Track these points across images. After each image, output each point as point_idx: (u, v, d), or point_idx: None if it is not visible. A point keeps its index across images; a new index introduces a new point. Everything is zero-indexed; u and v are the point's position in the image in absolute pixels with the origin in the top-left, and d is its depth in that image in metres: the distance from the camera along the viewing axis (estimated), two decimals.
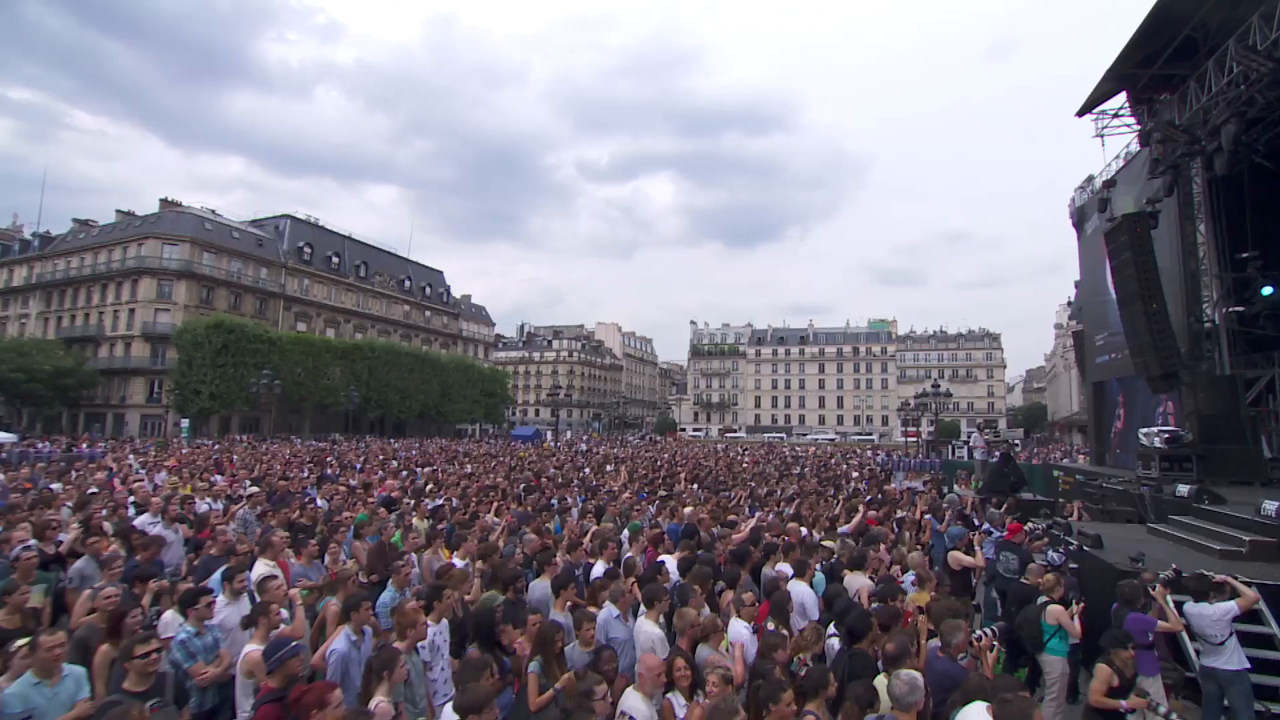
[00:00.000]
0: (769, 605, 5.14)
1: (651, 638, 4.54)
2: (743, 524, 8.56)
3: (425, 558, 6.87)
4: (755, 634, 4.77)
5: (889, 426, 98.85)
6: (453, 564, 6.03)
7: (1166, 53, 14.38)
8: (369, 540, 7.27)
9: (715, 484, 14.25)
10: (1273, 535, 7.67)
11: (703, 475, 17.11)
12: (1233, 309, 14.29)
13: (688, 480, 15.68)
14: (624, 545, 7.63)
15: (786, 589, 5.24)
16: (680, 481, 15.36)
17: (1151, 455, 13.48)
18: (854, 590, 5.56)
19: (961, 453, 41.20)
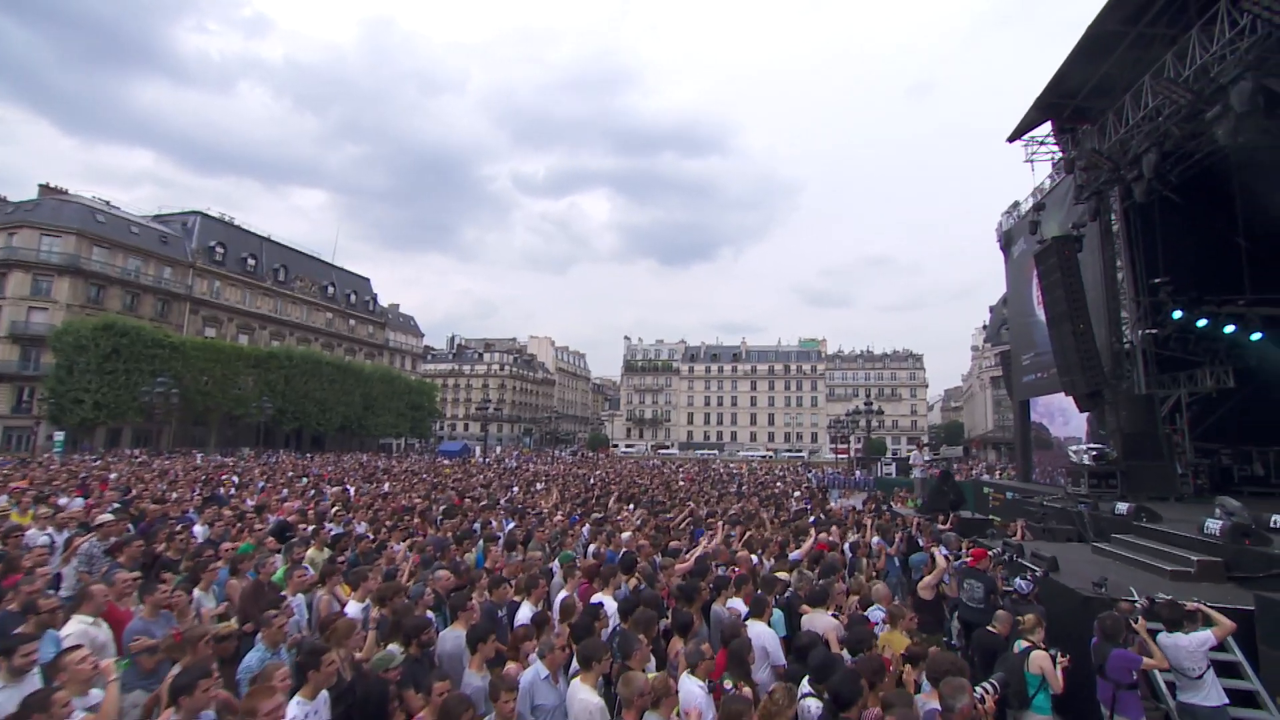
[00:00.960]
0: (725, 655, 4.36)
1: (589, 708, 3.66)
2: (687, 552, 7.78)
3: (320, 599, 5.72)
4: (712, 693, 3.97)
5: (818, 443, 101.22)
6: (342, 613, 4.94)
7: (1086, 88, 14.95)
8: (249, 577, 6.05)
9: (653, 504, 13.45)
10: (1218, 554, 7.58)
11: (639, 494, 16.29)
12: (1147, 331, 14.80)
13: (623, 500, 14.84)
14: (554, 576, 6.71)
15: (746, 635, 4.47)
16: (615, 501, 14.53)
17: (1081, 472, 13.72)
18: (819, 631, 4.85)
19: (890, 469, 42.32)
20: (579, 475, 26.13)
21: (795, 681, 3.95)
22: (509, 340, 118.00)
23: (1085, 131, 15.46)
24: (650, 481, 22.70)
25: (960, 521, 11.86)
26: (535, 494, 16.03)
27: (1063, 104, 15.41)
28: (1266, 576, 6.85)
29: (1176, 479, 13.65)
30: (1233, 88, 10.12)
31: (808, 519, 11.66)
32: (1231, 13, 10.55)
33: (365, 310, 74.83)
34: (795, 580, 6.13)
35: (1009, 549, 8.49)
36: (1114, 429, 14.23)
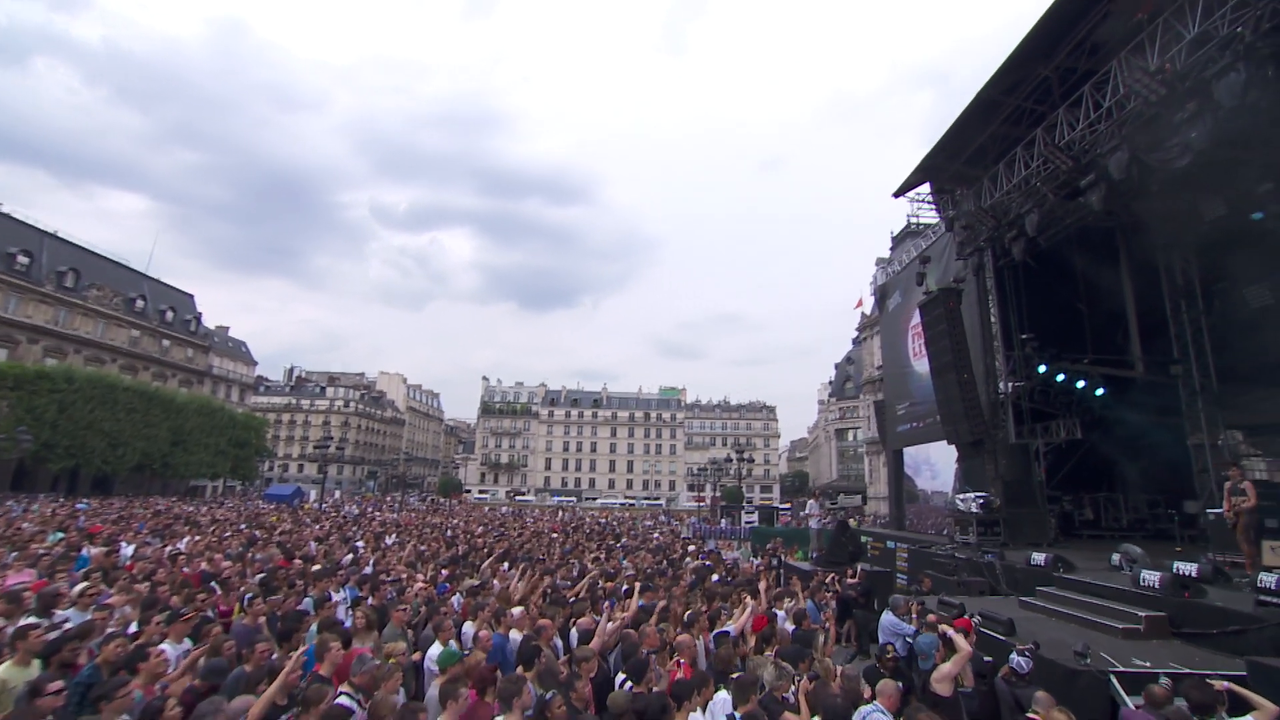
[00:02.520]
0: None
1: None
2: (608, 630, 5.98)
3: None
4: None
5: (675, 491, 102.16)
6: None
7: (966, 154, 15.84)
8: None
9: (535, 563, 11.34)
10: (1159, 609, 7.19)
11: (516, 550, 14.01)
12: (1016, 384, 15.51)
13: (498, 558, 12.56)
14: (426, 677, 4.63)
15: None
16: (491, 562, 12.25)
17: (969, 520, 13.72)
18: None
19: (752, 518, 42.59)
20: (434, 526, 22.97)
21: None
22: (356, 375, 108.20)
23: (962, 194, 16.36)
24: (520, 533, 20.30)
25: (870, 575, 11.12)
26: (386, 550, 13.16)
27: (943, 167, 16.16)
28: (1221, 634, 6.45)
29: (1048, 525, 14.10)
30: (1110, 158, 10.72)
31: (711, 578, 10.31)
32: (1094, 95, 11.38)
33: (185, 331, 64.47)
34: (770, 676, 4.58)
35: (945, 605, 7.61)
36: (994, 477, 14.54)
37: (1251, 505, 9.23)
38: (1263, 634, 6.09)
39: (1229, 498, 9.65)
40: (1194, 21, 9.61)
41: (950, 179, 16.54)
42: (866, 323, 69.20)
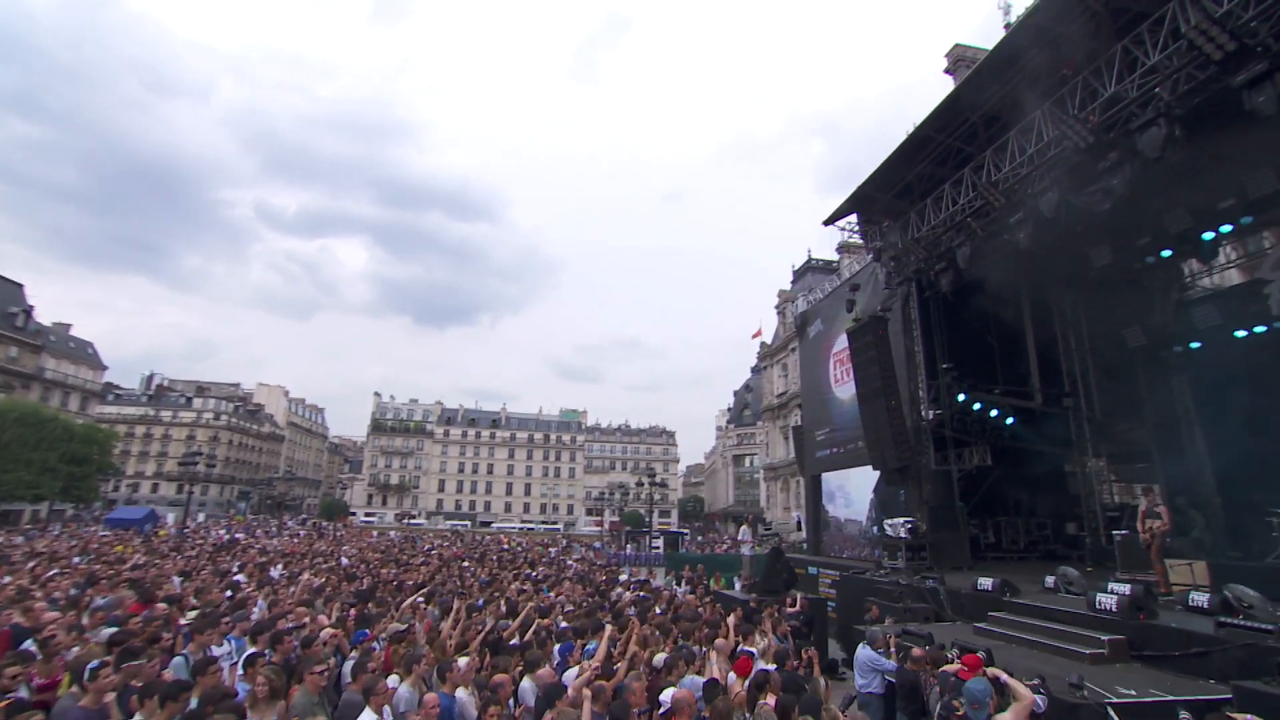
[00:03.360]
0: None
1: None
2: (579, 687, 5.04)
3: None
4: None
5: (574, 516, 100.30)
6: None
7: (896, 188, 16.48)
8: None
9: (458, 596, 10.02)
10: (1118, 631, 7.25)
11: (428, 582, 12.46)
12: (936, 411, 16.08)
13: (411, 589, 11.10)
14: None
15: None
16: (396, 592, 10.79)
17: (898, 545, 13.86)
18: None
19: (658, 544, 42.09)
20: (323, 554, 20.55)
21: None
22: (230, 386, 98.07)
23: (889, 225, 16.97)
24: (424, 561, 18.51)
25: (811, 604, 10.79)
26: (275, 585, 11.21)
27: (873, 199, 16.69)
28: (1184, 655, 6.53)
29: (968, 549, 14.55)
30: (1040, 198, 11.33)
31: (655, 613, 9.54)
32: (1019, 140, 12.11)
33: (9, 325, 55.54)
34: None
35: (907, 635, 7.30)
36: (919, 503, 14.86)
37: (1165, 528, 9.79)
38: (1226, 655, 6.22)
39: (1143, 521, 10.21)
40: (1110, 81, 10.38)
41: (879, 211, 17.11)
42: (767, 352, 71.73)
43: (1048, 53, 11.46)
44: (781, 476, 66.36)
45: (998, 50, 12.21)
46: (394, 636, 6.84)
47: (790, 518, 57.47)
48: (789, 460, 63.94)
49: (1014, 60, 11.92)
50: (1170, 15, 9.41)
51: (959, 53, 43.75)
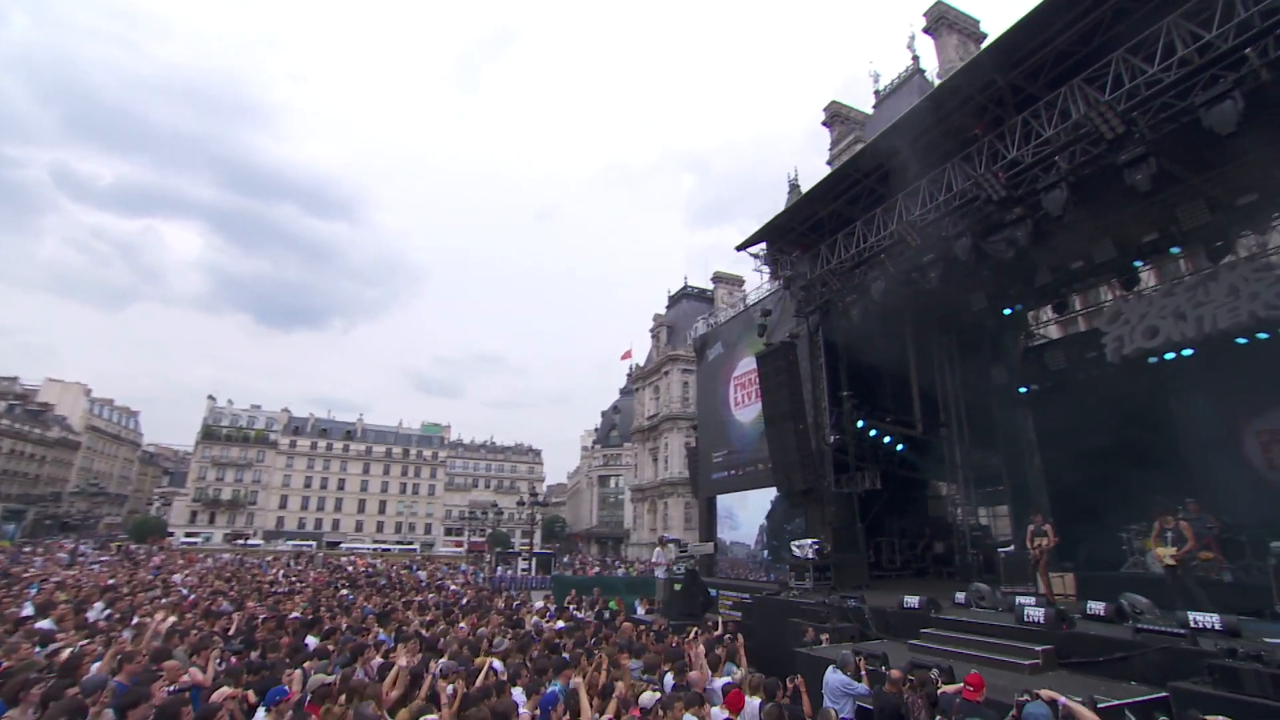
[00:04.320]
0: None
1: None
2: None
3: None
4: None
5: (431, 535, 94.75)
6: None
7: (808, 223, 17.42)
8: None
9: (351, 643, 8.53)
10: (1045, 642, 7.87)
11: (324, 615, 10.77)
12: (837, 436, 17.00)
13: (299, 626, 9.55)
14: None
15: None
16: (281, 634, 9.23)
17: (805, 566, 14.31)
18: None
19: (527, 566, 40.53)
20: (143, 584, 17.25)
21: None
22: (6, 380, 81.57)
23: (799, 256, 17.84)
24: (288, 591, 16.23)
25: (736, 626, 10.75)
26: (104, 631, 8.95)
27: (786, 229, 17.50)
28: (1107, 661, 7.19)
29: (867, 569, 15.40)
30: (955, 241, 12.46)
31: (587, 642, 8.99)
32: (930, 188, 13.32)
33: None
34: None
35: (867, 657, 7.43)
36: (821, 524, 15.51)
37: (1052, 545, 10.94)
38: (1146, 659, 6.97)
39: (1032, 539, 11.35)
40: (1013, 144, 11.72)
41: (789, 242, 17.94)
42: (639, 374, 72.87)
43: (960, 115, 12.75)
44: (649, 498, 67.32)
45: (915, 111, 13.36)
46: (318, 693, 5.64)
47: (662, 537, 58.39)
48: (657, 482, 65.05)
49: (928, 118, 13.11)
50: (1063, 99, 10.82)
51: (835, 108, 47.98)
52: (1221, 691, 5.65)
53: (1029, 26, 11.01)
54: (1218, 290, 13.14)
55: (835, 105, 46.17)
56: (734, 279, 75.05)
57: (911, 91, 43.62)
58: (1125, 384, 15.33)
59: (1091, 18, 10.68)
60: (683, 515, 61.26)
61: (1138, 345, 14.13)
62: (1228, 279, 13.08)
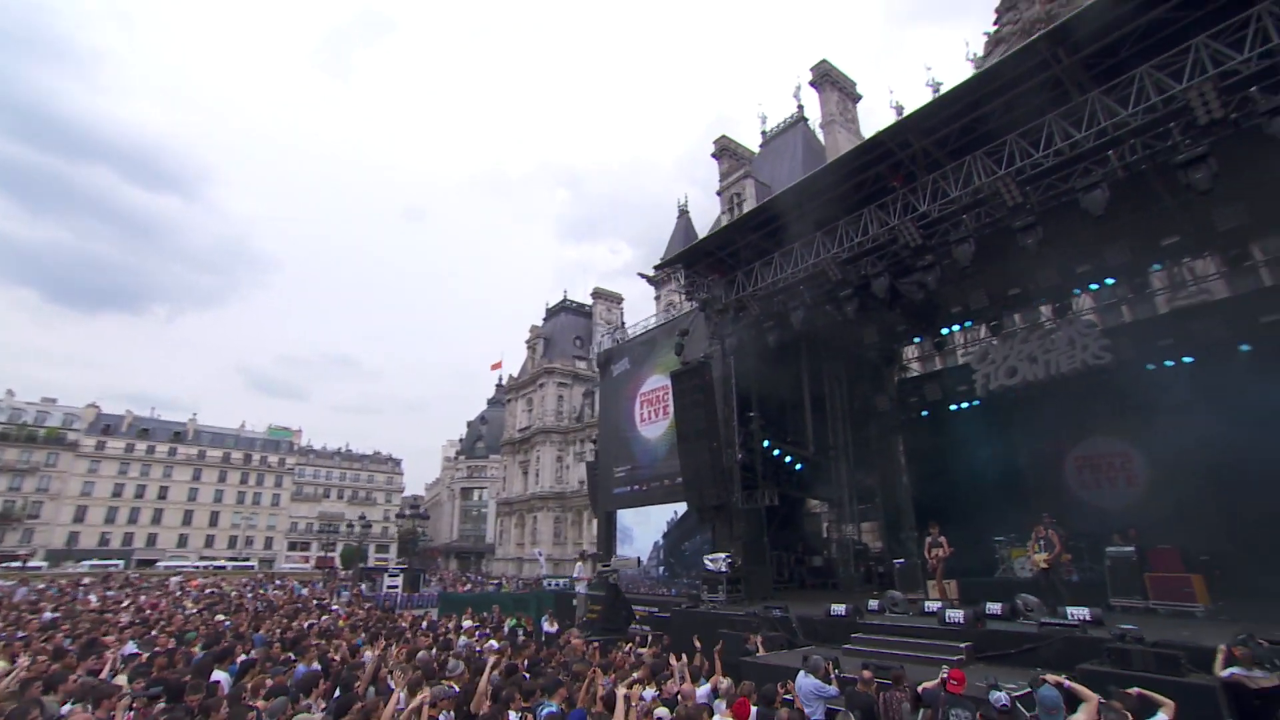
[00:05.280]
0: None
1: None
2: None
3: None
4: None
5: (273, 550, 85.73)
6: None
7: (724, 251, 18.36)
8: None
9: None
10: (966, 639, 8.95)
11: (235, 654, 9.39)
12: (745, 455, 17.95)
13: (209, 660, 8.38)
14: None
15: None
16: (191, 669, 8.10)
17: (719, 579, 14.94)
18: None
19: (394, 582, 37.98)
20: None
21: None
22: None
23: (714, 280, 18.71)
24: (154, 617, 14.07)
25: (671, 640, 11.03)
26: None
27: (706, 253, 18.32)
28: (1019, 652, 8.35)
29: (771, 581, 16.33)
30: (874, 280, 13.82)
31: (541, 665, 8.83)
32: (848, 229, 14.71)
33: None
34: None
35: (832, 664, 8.04)
36: (732, 538, 16.25)
37: (947, 554, 12.41)
38: (1051, 648, 8.18)
39: (929, 550, 12.79)
40: (925, 199, 13.31)
41: (708, 266, 18.75)
42: (512, 385, 71.61)
43: (879, 168, 14.23)
44: (517, 512, 66.09)
45: (838, 161, 14.71)
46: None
47: (534, 553, 57.27)
48: (527, 495, 64.05)
49: (851, 166, 14.51)
50: (967, 166, 12.52)
51: (724, 143, 50.91)
52: (1118, 670, 6.82)
53: (938, 105, 12.67)
54: (1061, 340, 15.74)
55: (725, 140, 48.99)
56: (613, 296, 76.40)
57: (795, 135, 47.46)
58: (988, 415, 17.78)
59: (990, 106, 12.43)
60: (552, 529, 60.67)
61: (1000, 382, 16.49)
62: (1068, 331, 15.72)
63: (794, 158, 45.42)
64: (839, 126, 43.31)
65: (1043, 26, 26.95)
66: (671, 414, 19.78)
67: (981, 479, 16.93)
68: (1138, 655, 6.93)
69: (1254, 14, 9.42)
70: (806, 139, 46.46)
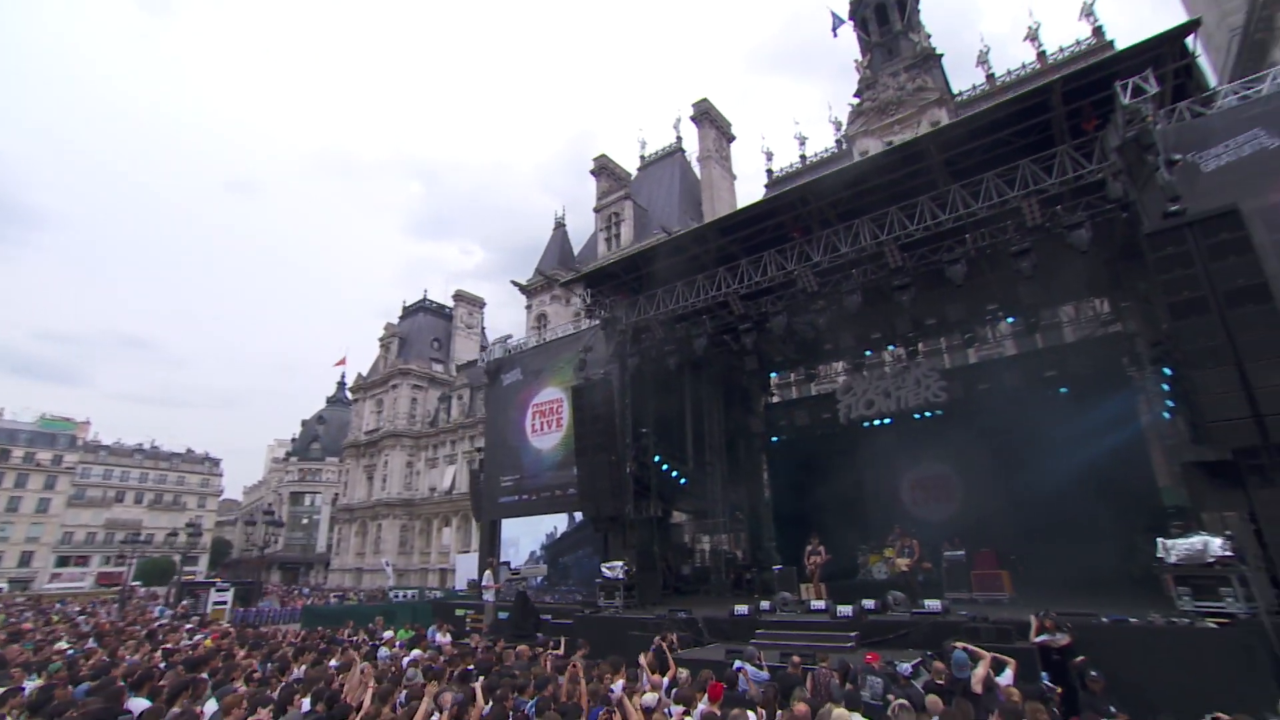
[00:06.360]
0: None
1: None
2: None
3: None
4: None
5: (32, 568, 71.82)
6: None
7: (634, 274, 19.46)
8: None
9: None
10: (855, 630, 10.69)
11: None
12: (637, 468, 19.02)
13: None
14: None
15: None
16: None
17: (616, 586, 15.83)
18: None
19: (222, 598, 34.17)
20: None
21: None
22: None
23: (614, 301, 19.70)
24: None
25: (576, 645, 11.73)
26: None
27: (612, 275, 19.32)
28: (896, 637, 10.22)
29: (660, 587, 17.47)
30: (773, 318, 15.65)
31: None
32: (750, 269, 16.52)
33: None
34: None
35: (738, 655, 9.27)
36: (626, 547, 17.18)
37: (824, 560, 14.38)
38: (920, 632, 10.08)
39: (809, 557, 14.70)
40: (819, 250, 15.40)
41: (613, 288, 19.72)
42: (361, 384, 67.39)
43: (783, 217, 16.17)
44: (359, 519, 62.19)
45: (748, 207, 16.45)
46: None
47: (380, 563, 53.91)
48: (371, 502, 60.50)
49: (752, 214, 16.32)
50: (855, 228, 14.78)
51: (604, 161, 52.66)
52: (972, 643, 8.74)
53: (835, 176, 14.86)
54: (909, 379, 18.82)
55: (604, 159, 50.67)
56: (475, 299, 74.88)
57: (674, 165, 50.30)
58: (847, 440, 20.54)
59: (875, 181, 14.78)
60: (398, 539, 57.75)
61: (860, 412, 19.24)
62: (915, 372, 18.85)
63: (671, 186, 48.12)
64: (714, 162, 46.69)
65: (894, 108, 31.79)
66: (565, 426, 20.40)
67: (837, 495, 19.55)
68: (987, 632, 8.97)
69: (1057, 151, 12.42)
70: (683, 169, 49.42)
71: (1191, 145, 10.75)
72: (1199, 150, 10.67)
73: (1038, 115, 12.61)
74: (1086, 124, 12.10)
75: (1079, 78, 11.84)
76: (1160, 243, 9.72)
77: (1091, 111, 11.96)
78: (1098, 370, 16.95)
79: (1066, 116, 12.38)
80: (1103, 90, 11.38)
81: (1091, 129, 11.99)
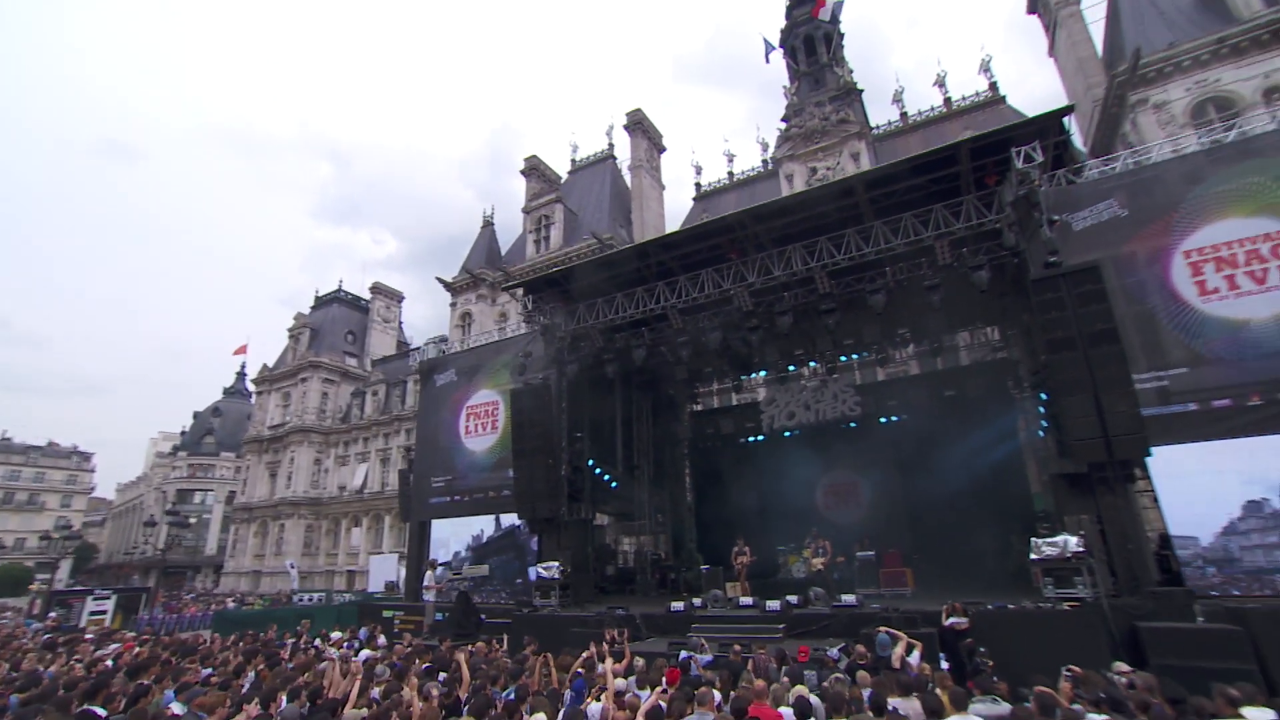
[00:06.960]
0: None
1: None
2: None
3: None
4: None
5: None
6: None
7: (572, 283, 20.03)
8: None
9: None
10: (783, 622, 11.81)
11: None
12: (568, 471, 19.59)
13: None
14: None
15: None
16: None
17: (551, 585, 16.38)
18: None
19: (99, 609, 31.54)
20: None
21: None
22: None
23: (554, 308, 20.20)
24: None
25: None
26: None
27: (552, 284, 19.81)
28: (819, 628, 11.42)
29: (593, 586, 18.11)
30: (710, 334, 16.72)
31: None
32: (689, 286, 17.57)
33: None
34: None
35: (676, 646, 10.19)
36: (560, 548, 17.71)
37: (750, 561, 15.56)
38: (840, 622, 11.31)
39: (736, 558, 15.84)
40: (754, 271, 16.62)
41: (552, 296, 20.19)
42: (267, 376, 63.79)
43: (721, 239, 17.29)
44: (259, 519, 58.78)
45: (692, 228, 17.48)
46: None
47: (284, 565, 51.02)
48: (274, 500, 57.33)
49: (693, 234, 17.37)
50: (788, 254, 16.12)
51: (534, 162, 52.76)
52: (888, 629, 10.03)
53: (774, 204, 16.14)
54: (827, 393, 20.51)
55: (535, 160, 50.73)
56: (393, 292, 72.53)
57: (605, 171, 51.04)
58: (766, 447, 22.02)
59: (806, 213, 16.19)
60: (302, 540, 54.99)
61: (781, 423, 20.74)
62: (833, 387, 20.57)
63: (601, 192, 48.79)
64: (645, 172, 47.77)
65: (819, 137, 34.05)
66: (501, 428, 20.65)
67: (758, 499, 20.99)
68: (895, 620, 10.33)
69: (964, 200, 14.24)
70: (614, 176, 50.21)
71: (1065, 207, 12.77)
72: (1071, 212, 12.71)
73: (950, 166, 14.35)
74: (988, 179, 13.94)
75: (983, 138, 13.65)
76: (1041, 289, 11.54)
77: (992, 169, 13.80)
78: (987, 391, 19.24)
79: (972, 170, 14.20)
80: (1001, 152, 13.22)
81: (992, 184, 13.84)
